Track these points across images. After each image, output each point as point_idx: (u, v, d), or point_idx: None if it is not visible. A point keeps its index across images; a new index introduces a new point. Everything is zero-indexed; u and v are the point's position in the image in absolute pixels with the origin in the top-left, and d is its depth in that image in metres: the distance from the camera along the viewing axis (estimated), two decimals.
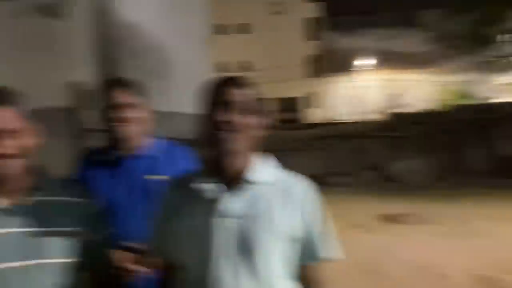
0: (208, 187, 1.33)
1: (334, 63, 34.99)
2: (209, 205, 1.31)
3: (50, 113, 8.67)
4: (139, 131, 1.86)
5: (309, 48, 34.56)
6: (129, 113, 1.81)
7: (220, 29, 33.48)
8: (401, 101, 33.65)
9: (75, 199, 1.42)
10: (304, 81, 30.71)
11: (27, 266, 1.27)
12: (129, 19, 11.28)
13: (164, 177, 1.74)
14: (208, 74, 19.10)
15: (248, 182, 1.32)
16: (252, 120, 1.32)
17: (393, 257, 4.95)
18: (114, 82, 1.88)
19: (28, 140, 1.34)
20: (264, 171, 1.35)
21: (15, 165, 1.29)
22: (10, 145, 1.28)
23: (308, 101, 34.65)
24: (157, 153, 1.90)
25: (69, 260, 1.34)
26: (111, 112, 1.82)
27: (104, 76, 9.89)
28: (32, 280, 1.28)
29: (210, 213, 1.30)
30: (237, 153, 1.31)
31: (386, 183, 10.05)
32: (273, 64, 30.51)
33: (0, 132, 1.26)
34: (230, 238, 1.28)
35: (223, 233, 1.28)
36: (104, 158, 1.88)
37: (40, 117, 1.40)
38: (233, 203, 1.30)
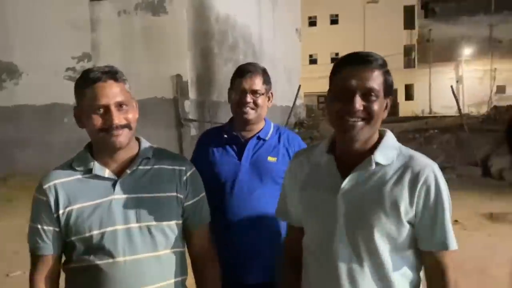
0: (331, 164, 1.40)
1: (432, 53, 33.21)
2: (331, 180, 1.39)
3: (157, 103, 9.31)
4: (262, 115, 2.03)
5: (406, 37, 33.12)
6: (258, 99, 1.98)
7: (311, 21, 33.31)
8: (505, 93, 31.08)
9: (175, 167, 1.53)
10: (400, 72, 29.47)
11: (130, 228, 1.42)
12: (224, 13, 11.67)
13: (278, 159, 1.95)
14: (297, 66, 19.16)
15: (369, 162, 1.34)
16: (377, 104, 1.32)
17: (495, 256, 4.67)
18: (247, 69, 2.01)
19: (135, 113, 1.47)
20: (384, 152, 1.36)
21: (126, 136, 1.43)
22: (124, 117, 1.41)
23: (405, 92, 33.27)
24: (274, 136, 2.05)
25: (167, 222, 1.47)
26: (242, 97, 1.97)
27: (201, 68, 10.35)
28: (135, 240, 1.42)
29: (332, 189, 1.37)
30: (362, 138, 1.35)
31: (487, 180, 9.41)
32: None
33: (118, 104, 1.39)
34: (348, 214, 1.34)
35: (342, 209, 1.35)
36: (225, 138, 2.05)
37: (149, 106, 1.54)
38: (353, 181, 1.35)
